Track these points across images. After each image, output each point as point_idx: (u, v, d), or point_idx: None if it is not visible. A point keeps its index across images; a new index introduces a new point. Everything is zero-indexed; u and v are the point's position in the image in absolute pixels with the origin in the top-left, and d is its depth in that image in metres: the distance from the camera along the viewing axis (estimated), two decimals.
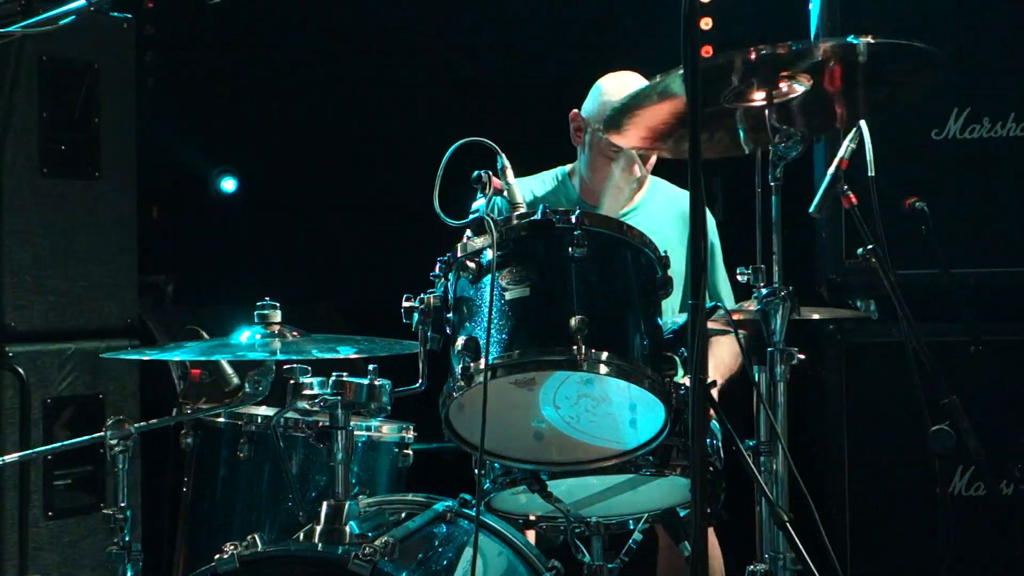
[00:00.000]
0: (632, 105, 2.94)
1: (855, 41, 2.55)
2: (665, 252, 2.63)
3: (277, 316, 2.76)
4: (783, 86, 2.63)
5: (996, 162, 3.75)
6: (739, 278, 3.16)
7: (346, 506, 2.52)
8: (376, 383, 2.55)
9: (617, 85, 3.57)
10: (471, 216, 2.55)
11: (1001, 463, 3.41)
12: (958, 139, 3.76)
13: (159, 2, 5.07)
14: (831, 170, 3.03)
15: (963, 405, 3.05)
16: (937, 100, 3.72)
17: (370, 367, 2.59)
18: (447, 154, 2.62)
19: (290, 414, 2.73)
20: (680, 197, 3.65)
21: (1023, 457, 3.35)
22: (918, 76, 2.76)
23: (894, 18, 3.74)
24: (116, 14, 3.65)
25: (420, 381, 2.60)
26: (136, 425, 2.65)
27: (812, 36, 3.98)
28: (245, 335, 2.74)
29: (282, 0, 5.05)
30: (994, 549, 3.57)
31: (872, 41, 2.53)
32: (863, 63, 2.65)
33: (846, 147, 2.98)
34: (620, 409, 2.61)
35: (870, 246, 3.18)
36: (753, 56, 2.54)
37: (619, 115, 3.13)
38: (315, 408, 2.57)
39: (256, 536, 2.49)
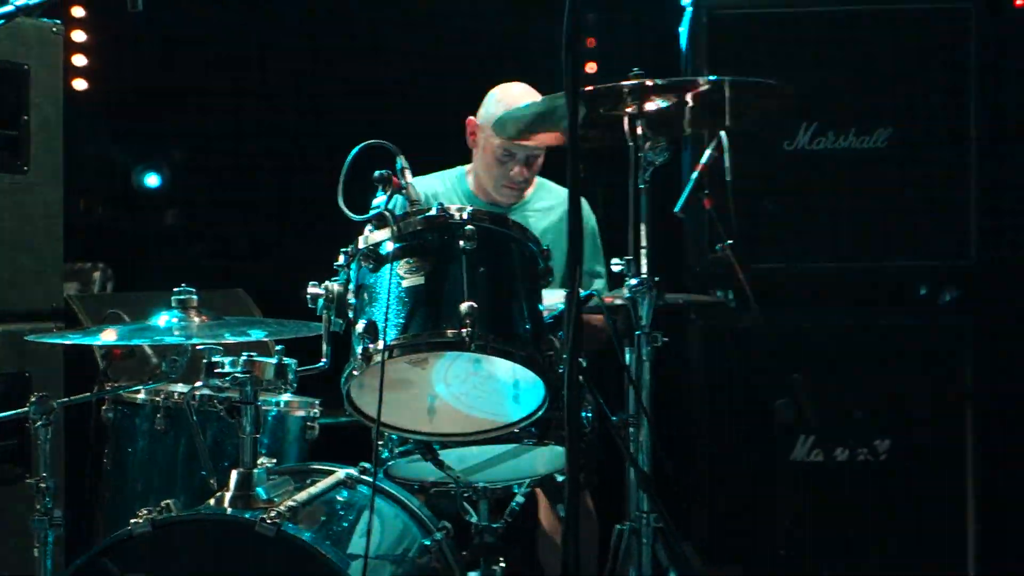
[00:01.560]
0: (522, 115, 2.96)
1: (715, 79, 2.67)
2: (547, 246, 2.64)
3: (193, 301, 2.73)
4: (650, 105, 2.68)
5: (837, 170, 3.81)
6: (614, 268, 3.20)
7: (254, 474, 2.49)
8: (283, 362, 2.53)
9: (509, 96, 3.57)
10: (372, 211, 2.53)
11: (837, 433, 3.49)
12: (806, 150, 3.81)
13: (87, 8, 4.96)
14: (694, 175, 3.08)
15: (805, 382, 3.13)
16: (790, 115, 3.78)
17: (278, 348, 2.57)
18: (351, 155, 2.60)
19: (204, 391, 2.68)
20: (564, 195, 3.66)
21: (856, 428, 3.43)
22: (770, 102, 2.87)
23: (752, 49, 3.79)
24: (46, 20, 3.58)
25: (324, 361, 2.58)
26: (58, 400, 2.59)
27: (682, 57, 4.02)
28: (163, 319, 2.70)
29: (199, 6, 4.95)
30: (830, 510, 3.66)
31: (731, 79, 2.61)
32: (723, 93, 2.73)
33: (708, 155, 3.04)
34: (505, 385, 2.62)
35: (728, 242, 3.24)
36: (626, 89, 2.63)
37: (509, 123, 3.15)
38: (227, 385, 2.53)
39: (171, 502, 2.45)
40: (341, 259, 2.58)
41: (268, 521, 2.33)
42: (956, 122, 3.77)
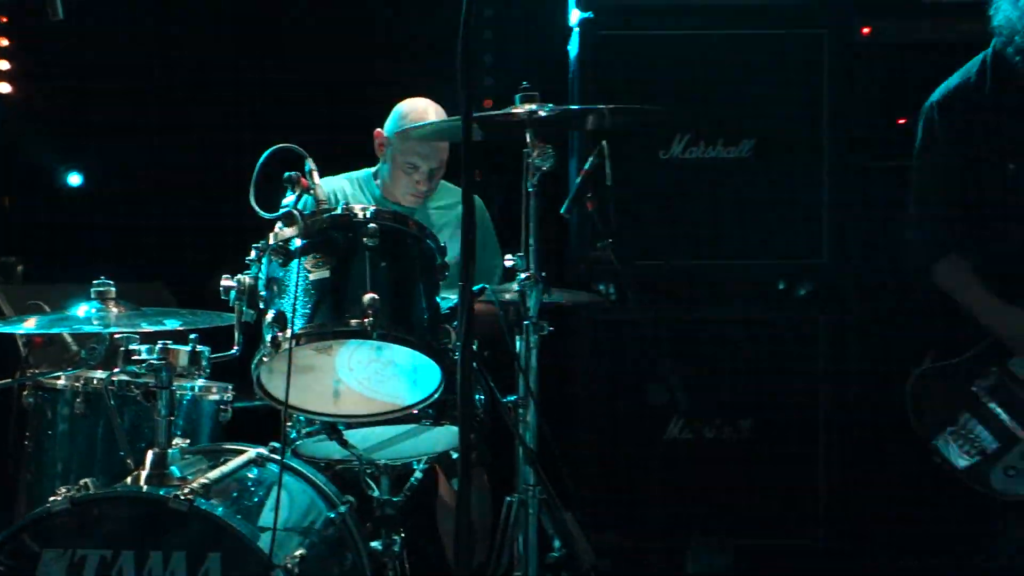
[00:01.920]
0: (424, 134, 2.97)
1: (600, 107, 2.77)
2: (444, 243, 2.65)
3: (112, 293, 2.68)
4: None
5: (707, 177, 3.86)
6: (506, 263, 3.22)
7: (169, 453, 2.46)
8: (197, 350, 2.50)
9: (414, 111, 3.55)
10: (281, 210, 2.53)
11: (705, 413, 3.54)
12: (679, 159, 3.86)
13: (9, 15, 4.80)
14: (578, 180, 3.11)
15: (676, 367, 3.19)
16: (665, 127, 3.83)
17: (192, 336, 2.54)
18: (262, 157, 2.58)
19: (122, 377, 2.63)
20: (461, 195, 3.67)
21: (722, 408, 3.49)
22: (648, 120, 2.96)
23: (632, 67, 3.82)
24: None
25: (235, 348, 2.56)
26: None
27: (571, 71, 4.04)
28: (82, 309, 2.65)
29: (119, 11, 4.82)
30: (698, 482, 3.73)
31: (612, 107, 2.74)
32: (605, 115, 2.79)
33: (591, 162, 3.06)
34: (404, 371, 2.62)
35: (608, 241, 3.29)
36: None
37: (414, 139, 3.17)
38: (143, 371, 2.50)
39: (89, 481, 2.40)
40: (252, 254, 2.57)
41: (181, 497, 2.30)
42: (811, 135, 3.84)
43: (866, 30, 3.88)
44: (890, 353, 3.86)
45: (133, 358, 2.48)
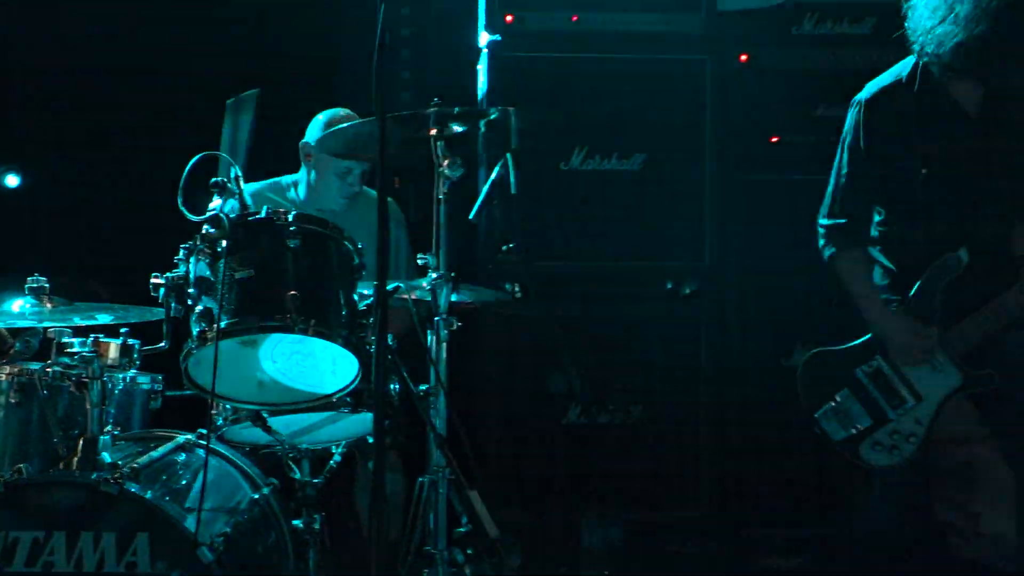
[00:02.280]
0: (352, 137, 2.96)
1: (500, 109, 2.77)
2: (362, 244, 2.65)
3: (46, 289, 2.61)
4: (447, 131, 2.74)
5: (603, 187, 3.88)
6: (418, 262, 3.22)
7: (100, 440, 2.41)
8: (127, 343, 2.46)
9: (336, 120, 3.53)
10: (209, 213, 2.50)
11: (599, 400, 3.58)
12: (578, 169, 3.87)
13: None
14: (485, 188, 3.13)
15: (575, 359, 3.22)
16: (565, 140, 3.84)
17: (123, 330, 2.50)
18: (190, 163, 2.55)
19: (55, 368, 2.57)
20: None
21: (615, 396, 3.52)
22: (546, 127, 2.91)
23: (535, 85, 3.81)
24: None
25: (164, 342, 2.53)
26: None
27: (480, 89, 4.06)
28: (17, 304, 2.58)
29: (55, 17, 4.66)
30: (594, 462, 3.77)
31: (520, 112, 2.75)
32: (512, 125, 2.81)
33: (496, 172, 3.09)
34: (324, 362, 2.62)
35: (512, 244, 3.32)
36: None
37: (343, 143, 3.15)
38: (75, 363, 2.45)
39: (23, 466, 2.35)
40: (181, 254, 2.54)
41: (112, 480, 2.27)
42: (695, 151, 3.88)
43: (744, 57, 3.96)
44: (763, 346, 3.97)
45: (66, 351, 2.43)
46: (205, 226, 2.49)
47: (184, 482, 2.59)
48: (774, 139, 3.93)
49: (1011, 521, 2.93)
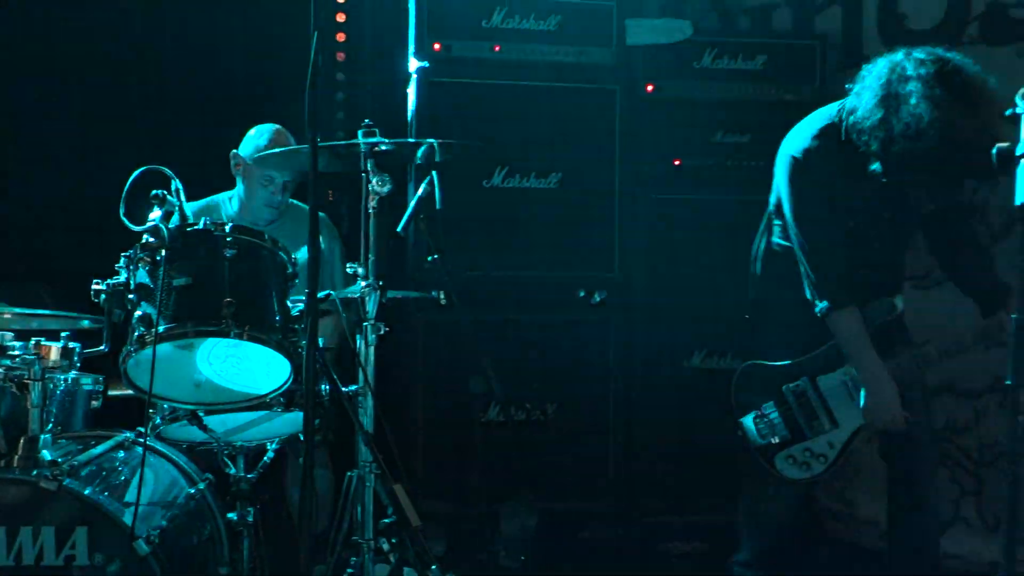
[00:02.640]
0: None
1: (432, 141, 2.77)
2: (294, 256, 2.63)
3: None
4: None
5: (524, 204, 3.89)
6: (347, 271, 3.19)
7: (41, 439, 2.34)
8: (68, 346, 2.39)
9: (267, 133, 3.50)
10: (149, 224, 2.45)
11: (517, 399, 3.59)
12: (499, 187, 3.88)
13: None
14: (412, 203, 3.12)
15: (494, 362, 3.23)
16: (487, 160, 3.86)
17: (64, 333, 2.43)
18: (131, 177, 2.50)
19: None
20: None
21: (531, 395, 3.52)
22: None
23: (461, 108, 3.81)
24: None
25: (104, 345, 2.46)
26: None
27: (409, 110, 4.04)
28: None
29: None
30: (512, 456, 3.78)
31: (442, 142, 2.75)
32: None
33: (423, 188, 3.08)
34: (258, 364, 2.58)
35: (436, 256, 3.31)
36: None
37: (268, 155, 3.11)
38: (18, 365, 2.37)
39: None
40: (122, 261, 2.48)
41: (51, 478, 2.20)
42: (606, 171, 3.92)
43: (650, 87, 4.02)
44: (666, 350, 4.03)
45: (8, 353, 2.35)
46: (145, 235, 2.44)
47: (123, 478, 2.52)
48: (677, 162, 4.00)
49: (883, 507, 3.01)
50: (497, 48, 3.88)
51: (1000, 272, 2.93)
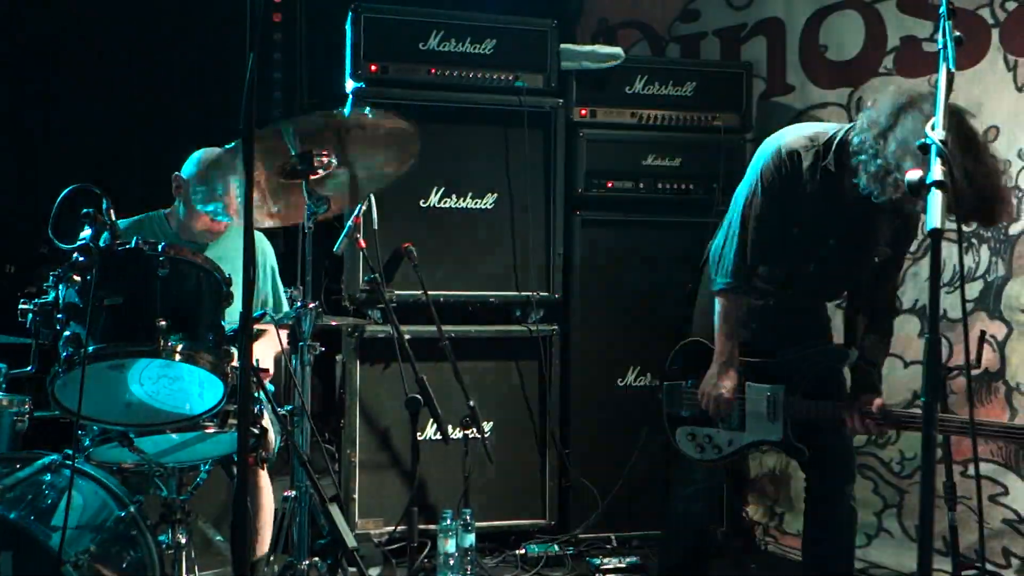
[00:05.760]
0: (215, 173, 2.89)
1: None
2: (229, 274, 2.59)
3: None
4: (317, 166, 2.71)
5: (460, 224, 3.91)
6: (283, 295, 3.16)
7: None
8: None
9: (208, 157, 3.44)
10: (79, 242, 2.39)
11: (454, 417, 3.58)
12: (437, 207, 3.89)
13: None
14: (349, 223, 3.12)
15: (431, 380, 3.22)
16: (424, 181, 3.85)
17: None
18: (61, 195, 2.44)
19: None
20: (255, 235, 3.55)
21: (469, 412, 3.52)
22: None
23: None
24: None
25: (31, 366, 2.40)
26: None
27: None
28: None
29: None
30: (449, 474, 3.77)
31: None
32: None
33: (359, 209, 3.08)
34: (191, 385, 2.54)
35: (374, 275, 3.31)
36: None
37: (207, 179, 3.06)
38: None
39: None
40: (50, 280, 2.42)
41: None
42: (541, 192, 3.95)
43: (584, 112, 4.08)
44: (601, 366, 4.08)
45: None
46: (75, 254, 2.38)
47: (49, 502, 2.45)
48: (609, 184, 4.06)
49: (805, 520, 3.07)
50: (433, 71, 3.90)
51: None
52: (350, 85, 3.89)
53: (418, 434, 3.42)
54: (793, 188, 2.71)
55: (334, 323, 3.30)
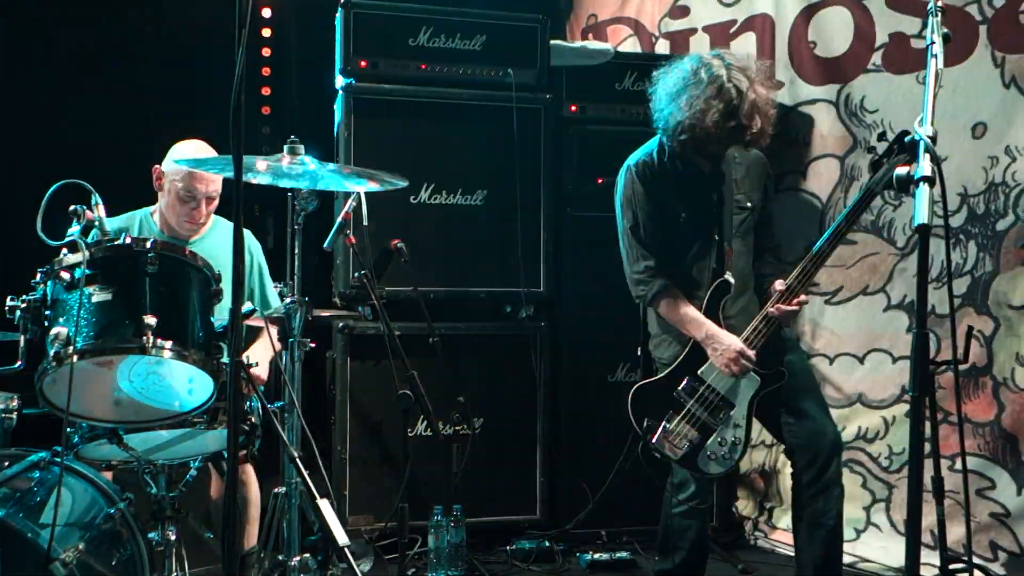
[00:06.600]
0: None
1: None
2: (218, 271, 2.57)
3: None
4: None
5: (450, 220, 3.92)
6: (274, 290, 3.15)
7: None
8: None
9: (189, 148, 3.42)
10: (67, 239, 2.38)
11: (444, 413, 3.58)
12: (426, 203, 3.90)
13: None
14: (339, 219, 3.10)
15: (421, 376, 3.22)
16: (414, 176, 3.85)
17: None
18: (50, 190, 2.42)
19: None
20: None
21: (459, 409, 3.53)
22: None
23: (388, 127, 3.82)
24: None
25: (20, 362, 2.38)
26: None
27: (336, 125, 4.02)
28: None
29: None
30: (439, 470, 3.77)
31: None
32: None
33: (349, 205, 3.06)
34: (180, 382, 2.53)
35: (364, 271, 3.30)
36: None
37: (189, 171, 3.04)
38: None
39: None
40: (38, 277, 2.41)
41: None
42: (531, 189, 3.95)
43: (573, 107, 4.08)
44: (591, 362, 4.08)
45: None
46: (63, 251, 2.37)
47: (38, 499, 2.44)
48: (599, 180, 4.06)
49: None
50: (423, 66, 3.89)
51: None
52: (340, 81, 3.88)
53: (408, 430, 3.41)
54: (650, 191, 2.99)
55: (325, 314, 3.28)
